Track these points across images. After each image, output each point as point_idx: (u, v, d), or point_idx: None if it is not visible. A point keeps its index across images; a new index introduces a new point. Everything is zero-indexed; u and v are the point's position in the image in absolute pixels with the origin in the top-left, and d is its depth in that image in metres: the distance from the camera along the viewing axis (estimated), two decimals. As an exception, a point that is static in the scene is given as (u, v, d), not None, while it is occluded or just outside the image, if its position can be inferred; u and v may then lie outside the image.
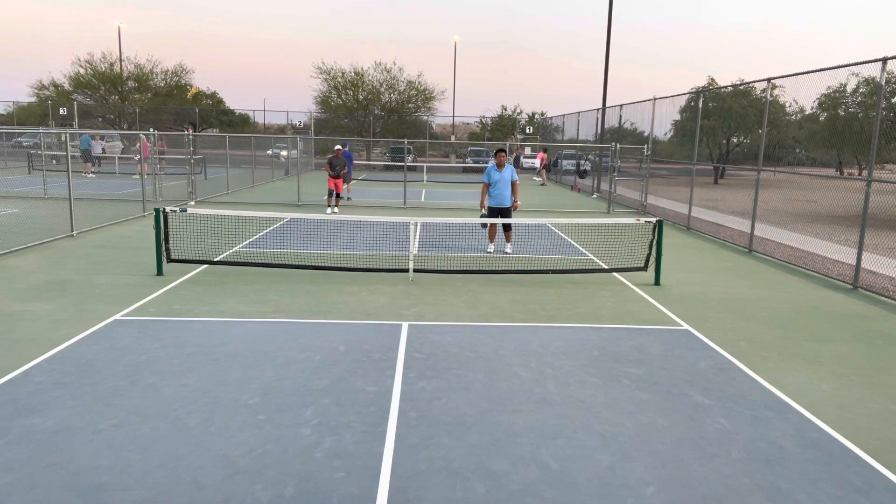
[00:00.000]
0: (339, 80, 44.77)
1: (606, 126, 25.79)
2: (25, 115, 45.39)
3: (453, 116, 50.20)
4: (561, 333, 6.90)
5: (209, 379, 5.36)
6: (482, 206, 11.55)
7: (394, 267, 9.72)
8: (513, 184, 11.45)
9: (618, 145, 20.97)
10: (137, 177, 24.06)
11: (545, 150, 32.58)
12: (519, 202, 11.60)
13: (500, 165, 11.43)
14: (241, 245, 11.57)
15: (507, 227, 11.60)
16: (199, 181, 21.75)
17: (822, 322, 7.74)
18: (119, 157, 31.60)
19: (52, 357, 5.77)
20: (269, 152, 32.38)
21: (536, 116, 51.04)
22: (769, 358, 6.32)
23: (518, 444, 4.40)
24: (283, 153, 33.37)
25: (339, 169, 16.68)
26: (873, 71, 10.76)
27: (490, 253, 11.48)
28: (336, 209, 16.89)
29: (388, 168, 36.40)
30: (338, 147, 17.18)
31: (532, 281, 9.34)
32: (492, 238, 11.83)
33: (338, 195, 16.97)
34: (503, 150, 11.57)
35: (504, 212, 11.43)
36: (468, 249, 11.76)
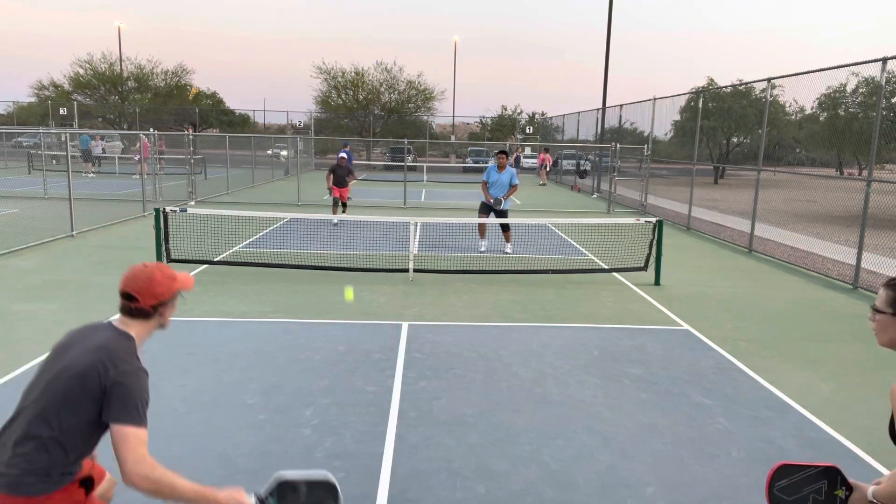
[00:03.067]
0: (340, 79, 44.80)
1: (606, 126, 25.80)
2: (25, 115, 45.40)
3: (453, 116, 50.25)
4: (561, 333, 6.90)
5: (209, 379, 5.36)
6: (488, 199, 11.55)
7: (394, 267, 9.72)
8: (512, 186, 11.48)
9: (618, 145, 20.97)
10: (137, 177, 24.06)
11: (546, 151, 32.56)
12: (502, 199, 11.50)
13: (500, 167, 11.47)
14: (241, 245, 11.58)
15: (504, 228, 11.59)
16: (200, 181, 21.75)
17: (822, 322, 7.74)
18: (119, 157, 31.59)
19: (52, 357, 5.77)
20: (269, 152, 32.37)
21: (537, 116, 51.04)
22: (769, 358, 6.32)
23: (518, 444, 4.40)
24: (283, 153, 33.36)
25: (341, 179, 14.57)
26: (873, 71, 10.75)
27: (482, 252, 11.47)
28: (335, 219, 15.24)
29: (388, 168, 36.39)
30: (342, 155, 14.94)
31: (532, 281, 9.34)
32: (482, 234, 11.83)
33: (343, 203, 14.94)
34: (504, 152, 11.63)
35: (499, 213, 11.46)
36: (468, 249, 11.76)
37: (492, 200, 11.45)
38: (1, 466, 2.21)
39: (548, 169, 32.03)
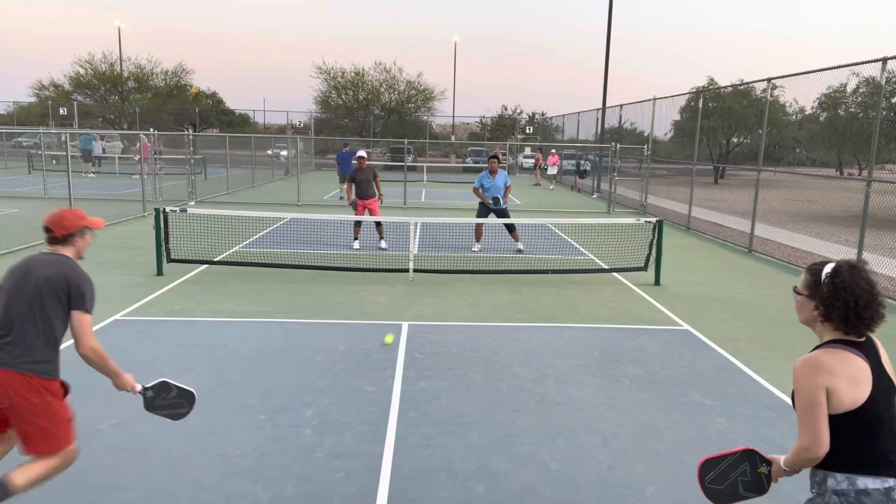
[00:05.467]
0: (340, 79, 44.86)
1: (606, 126, 25.80)
2: (25, 115, 45.40)
3: (453, 116, 50.28)
4: (561, 333, 6.90)
5: (209, 379, 5.36)
6: (487, 201, 11.52)
7: (394, 267, 9.72)
8: (507, 188, 11.58)
9: (618, 145, 20.97)
10: (137, 177, 24.06)
11: (540, 151, 32.43)
12: (500, 198, 11.59)
13: (492, 172, 11.50)
14: (241, 245, 11.58)
15: (511, 229, 11.63)
16: (200, 181, 21.74)
17: (822, 322, 7.72)
18: (119, 157, 31.59)
19: (52, 357, 5.77)
20: (269, 152, 32.36)
21: (536, 116, 51.06)
22: (769, 358, 6.32)
23: (518, 444, 4.40)
24: (283, 153, 33.34)
25: (367, 185, 11.67)
26: (873, 71, 10.76)
27: (475, 252, 11.47)
28: (382, 243, 11.75)
29: (387, 168, 36.38)
30: (361, 154, 11.82)
31: (532, 281, 9.34)
32: (478, 237, 11.83)
33: (377, 224, 11.75)
34: (496, 157, 11.68)
35: (500, 214, 11.52)
36: (468, 249, 11.76)
37: (490, 201, 11.44)
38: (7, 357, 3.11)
39: (556, 172, 31.77)
